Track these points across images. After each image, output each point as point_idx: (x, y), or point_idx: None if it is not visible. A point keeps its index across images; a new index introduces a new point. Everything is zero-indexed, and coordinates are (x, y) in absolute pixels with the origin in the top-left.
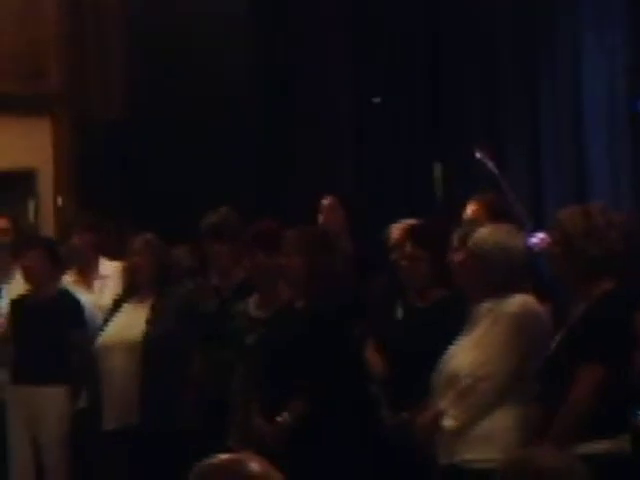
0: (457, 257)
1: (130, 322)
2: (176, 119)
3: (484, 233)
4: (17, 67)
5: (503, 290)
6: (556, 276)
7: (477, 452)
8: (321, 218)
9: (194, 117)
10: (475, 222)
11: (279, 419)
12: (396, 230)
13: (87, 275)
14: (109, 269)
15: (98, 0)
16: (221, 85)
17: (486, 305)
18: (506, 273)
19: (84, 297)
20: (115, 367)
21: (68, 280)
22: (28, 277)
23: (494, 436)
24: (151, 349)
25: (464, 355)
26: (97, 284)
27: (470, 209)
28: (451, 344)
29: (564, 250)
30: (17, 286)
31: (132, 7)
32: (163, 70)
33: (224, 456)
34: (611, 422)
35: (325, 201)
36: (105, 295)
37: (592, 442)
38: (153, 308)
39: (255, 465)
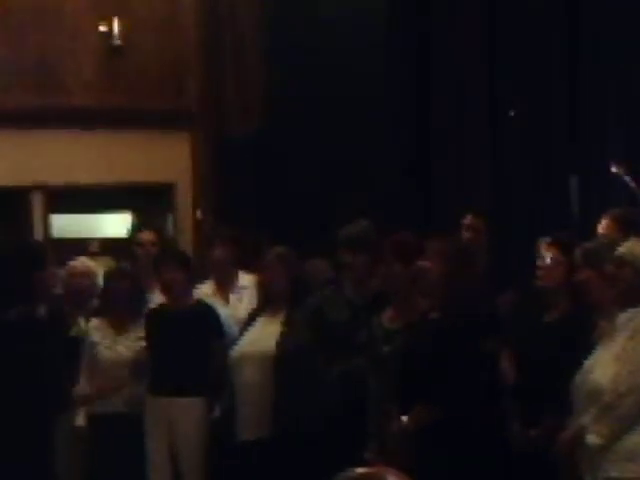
0: (580, 275)
1: (262, 335)
2: (313, 131)
3: (633, 245)
4: (156, 83)
5: None
6: None
7: (623, 470)
8: (465, 236)
9: (332, 128)
10: (603, 239)
11: (401, 420)
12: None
13: (225, 288)
14: (247, 282)
15: (235, 16)
16: (359, 98)
17: (624, 316)
18: None
19: (221, 309)
20: (248, 380)
21: (207, 292)
22: (166, 290)
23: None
24: (283, 362)
25: (604, 370)
26: (234, 297)
27: (602, 225)
28: (579, 358)
29: None
30: (156, 298)
31: (268, 21)
32: (299, 82)
33: (361, 469)
34: None
35: (465, 220)
36: (241, 307)
37: None
38: (285, 321)
39: (393, 479)
